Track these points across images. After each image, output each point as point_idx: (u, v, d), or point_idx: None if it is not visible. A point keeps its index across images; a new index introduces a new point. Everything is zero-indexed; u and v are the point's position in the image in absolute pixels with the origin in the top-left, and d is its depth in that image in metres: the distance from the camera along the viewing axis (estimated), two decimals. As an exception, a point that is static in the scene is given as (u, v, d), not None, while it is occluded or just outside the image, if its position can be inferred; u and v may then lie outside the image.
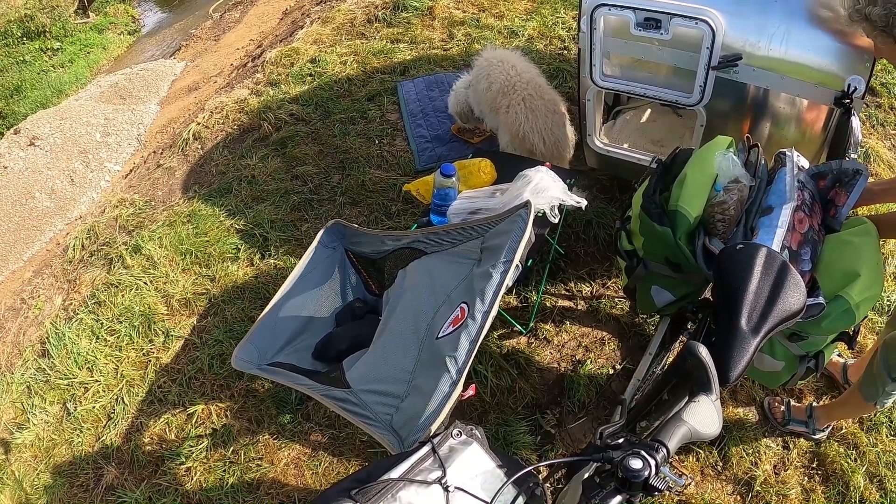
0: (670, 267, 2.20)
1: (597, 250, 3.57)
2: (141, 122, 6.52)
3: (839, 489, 2.70)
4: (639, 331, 3.24)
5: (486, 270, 2.15)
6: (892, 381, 2.32)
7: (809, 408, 2.83)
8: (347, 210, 3.97)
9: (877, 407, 2.50)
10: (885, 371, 2.32)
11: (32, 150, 6.16)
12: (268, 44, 6.62)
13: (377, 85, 4.93)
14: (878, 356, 2.36)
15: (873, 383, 2.41)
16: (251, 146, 4.57)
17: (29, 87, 8.63)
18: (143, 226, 4.15)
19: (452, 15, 5.63)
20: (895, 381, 2.32)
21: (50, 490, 3.00)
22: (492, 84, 3.51)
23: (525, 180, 2.81)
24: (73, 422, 3.19)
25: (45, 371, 3.40)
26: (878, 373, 2.36)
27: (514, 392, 3.04)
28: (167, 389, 3.21)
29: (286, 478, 2.86)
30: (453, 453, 1.59)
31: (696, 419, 1.43)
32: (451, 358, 2.00)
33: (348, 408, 2.17)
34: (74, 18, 10.16)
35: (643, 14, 2.70)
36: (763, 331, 1.79)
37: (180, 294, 3.61)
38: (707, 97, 2.79)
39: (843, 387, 2.97)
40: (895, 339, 2.31)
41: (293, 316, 2.70)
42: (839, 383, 2.99)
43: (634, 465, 1.31)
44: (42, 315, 3.83)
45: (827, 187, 2.22)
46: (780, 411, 2.88)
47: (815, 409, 2.83)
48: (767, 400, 2.94)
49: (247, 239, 3.86)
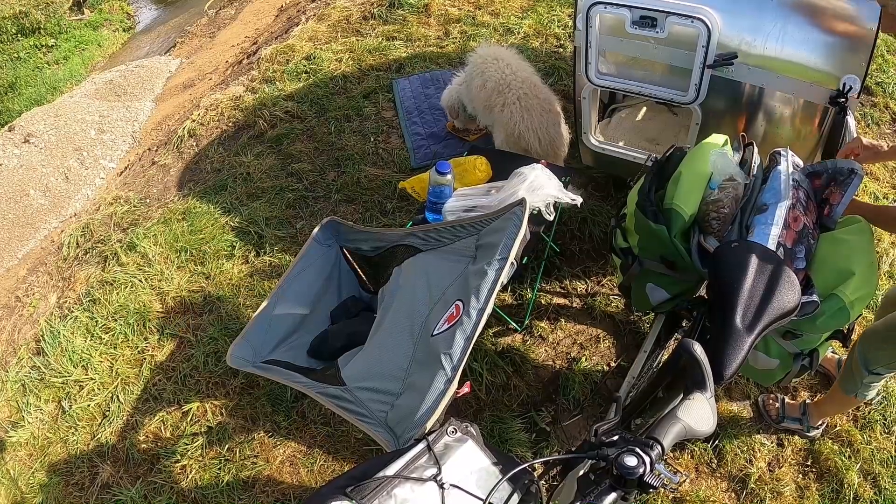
0: (665, 265, 2.21)
1: (592, 248, 3.58)
2: (136, 119, 6.50)
3: (833, 486, 2.71)
4: (634, 328, 3.25)
5: (481, 268, 2.16)
6: (868, 373, 2.37)
7: (803, 405, 2.85)
8: (343, 207, 3.97)
9: (858, 399, 2.54)
10: (862, 364, 2.37)
11: (27, 147, 6.14)
12: (263, 41, 6.60)
13: (372, 82, 4.93)
14: (856, 349, 2.41)
15: (851, 377, 2.47)
16: (246, 143, 4.56)
17: (23, 84, 8.59)
18: (138, 223, 4.14)
19: (448, 12, 5.62)
20: (872, 373, 2.37)
21: (45, 488, 2.99)
22: (486, 82, 3.50)
23: (520, 178, 2.81)
24: (69, 420, 3.18)
25: (40, 369, 3.40)
26: (855, 366, 2.41)
27: (509, 389, 3.04)
28: (162, 387, 3.20)
29: (281, 475, 2.86)
30: (448, 450, 1.59)
31: (690, 416, 1.43)
32: (446, 355, 2.00)
33: (343, 405, 2.17)
34: (69, 15, 10.12)
35: (639, 12, 2.70)
36: (758, 329, 1.80)
37: (175, 292, 3.61)
38: (702, 95, 2.80)
39: None
40: (870, 333, 2.36)
41: (288, 313, 2.70)
42: (834, 379, 2.99)
43: (629, 462, 1.32)
44: (37, 313, 3.82)
45: (822, 186, 2.22)
46: (775, 408, 2.89)
47: (808, 406, 2.84)
48: (762, 397, 2.95)
49: (242, 236, 3.86)
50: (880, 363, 2.35)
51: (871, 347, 2.35)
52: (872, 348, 2.35)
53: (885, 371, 2.39)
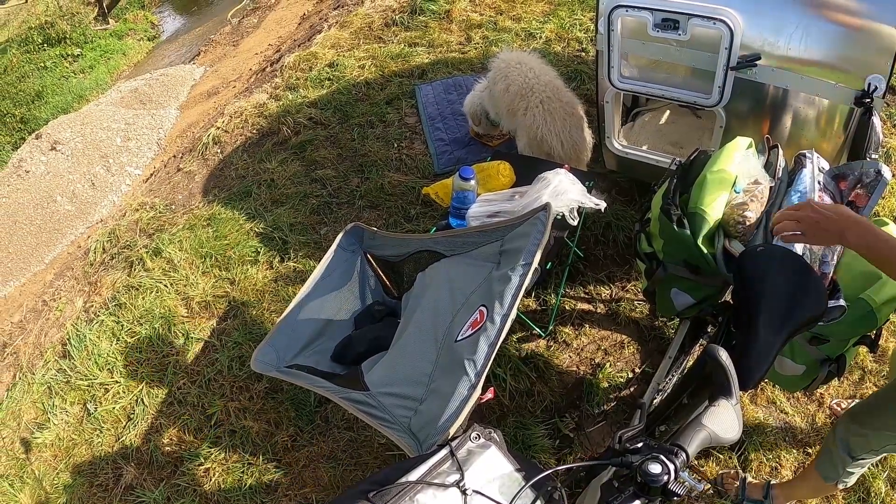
0: (690, 270, 2.18)
1: (616, 253, 3.56)
2: (161, 126, 6.57)
3: (860, 495, 2.66)
4: (658, 334, 3.22)
5: (504, 273, 2.15)
6: (851, 459, 2.12)
7: (767, 486, 2.61)
8: (366, 213, 3.98)
9: (838, 487, 2.28)
10: (843, 450, 2.12)
11: (54, 154, 6.23)
12: (286, 48, 6.65)
13: (395, 88, 4.95)
14: (836, 432, 2.17)
15: (831, 461, 2.21)
16: (270, 150, 4.59)
17: (50, 93, 8.73)
18: (164, 229, 4.18)
19: (470, 18, 5.63)
20: (856, 459, 2.12)
21: (69, 489, 3.02)
22: (510, 86, 3.50)
23: (544, 183, 2.80)
24: (93, 422, 3.22)
25: (66, 372, 3.44)
26: (835, 450, 2.16)
27: (532, 395, 3.03)
28: (186, 391, 3.23)
29: (304, 480, 2.87)
30: (471, 456, 1.59)
31: (715, 423, 1.42)
32: (470, 361, 1.99)
33: (366, 410, 2.17)
34: (94, 25, 10.28)
35: (661, 15, 2.69)
36: (784, 334, 1.77)
37: (200, 297, 3.64)
38: (726, 98, 2.78)
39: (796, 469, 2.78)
40: (854, 414, 2.11)
41: (312, 318, 2.70)
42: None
43: (653, 469, 1.30)
44: (63, 317, 3.87)
45: (848, 188, 2.19)
46: (735, 488, 2.65)
47: (772, 488, 2.60)
48: (721, 474, 2.71)
49: (266, 242, 3.88)
50: (864, 449, 2.09)
51: (851, 432, 2.10)
52: (852, 433, 2.10)
53: (871, 457, 2.12)
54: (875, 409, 2.08)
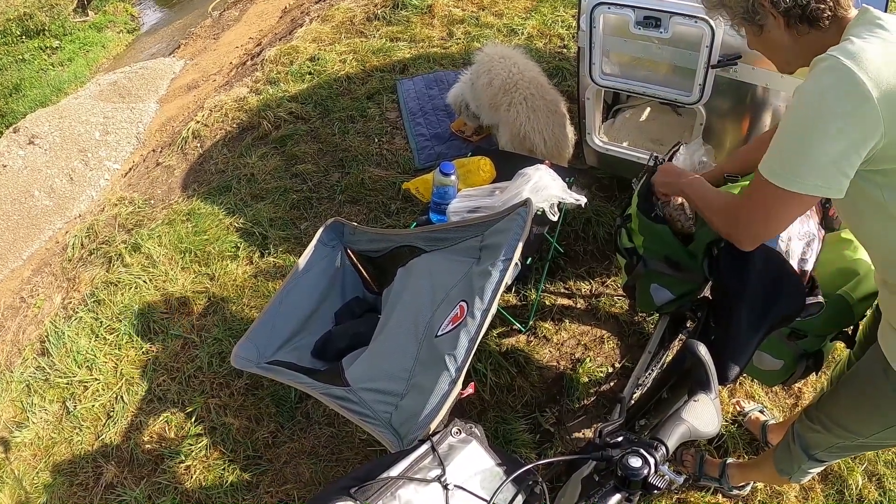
0: (669, 265, 2.20)
1: (596, 249, 3.57)
2: (140, 120, 6.52)
3: (838, 487, 2.70)
4: (638, 329, 3.24)
5: (485, 268, 2.15)
6: (809, 459, 2.09)
7: (723, 465, 2.63)
8: (347, 208, 3.97)
9: (791, 482, 2.28)
10: (801, 448, 2.09)
11: (31, 148, 6.16)
12: (267, 42, 6.62)
13: (376, 83, 4.93)
14: (794, 427, 2.13)
15: (789, 458, 2.18)
16: (250, 144, 4.57)
17: (28, 86, 8.63)
18: (143, 224, 4.15)
19: (452, 13, 5.63)
20: (813, 459, 2.09)
21: (49, 488, 3.00)
22: (493, 80, 3.50)
23: (524, 178, 2.81)
24: (73, 420, 3.19)
25: (45, 369, 3.41)
26: (794, 449, 2.13)
27: (513, 390, 3.04)
28: (166, 388, 3.21)
29: (285, 476, 2.87)
30: (453, 451, 1.59)
31: (695, 417, 1.43)
32: (451, 356, 2.00)
33: (347, 406, 2.17)
34: (73, 17, 10.16)
35: (643, 12, 2.70)
36: (762, 329, 1.79)
37: (179, 292, 3.61)
38: (706, 96, 2.79)
39: (763, 446, 2.79)
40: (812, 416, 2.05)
41: (292, 314, 2.70)
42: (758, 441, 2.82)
43: (634, 463, 1.31)
44: (41, 313, 3.83)
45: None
46: (693, 464, 2.70)
47: (728, 467, 2.62)
48: (681, 450, 2.73)
49: (246, 237, 3.86)
50: (820, 447, 2.04)
51: (809, 429, 2.04)
52: (810, 430, 2.04)
53: (828, 458, 2.08)
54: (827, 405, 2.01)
